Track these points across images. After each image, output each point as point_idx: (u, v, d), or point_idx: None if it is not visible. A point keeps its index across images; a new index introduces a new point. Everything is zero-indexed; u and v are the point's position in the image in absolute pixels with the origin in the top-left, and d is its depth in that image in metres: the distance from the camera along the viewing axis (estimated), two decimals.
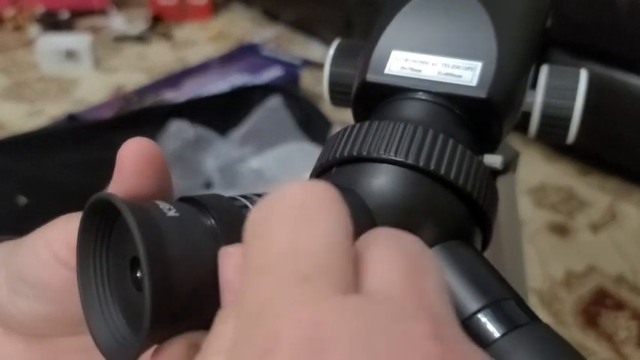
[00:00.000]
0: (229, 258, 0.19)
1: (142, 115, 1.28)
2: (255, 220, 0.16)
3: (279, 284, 0.15)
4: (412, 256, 0.17)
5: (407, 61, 0.29)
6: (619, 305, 1.05)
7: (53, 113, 1.57)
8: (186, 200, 0.21)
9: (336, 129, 1.30)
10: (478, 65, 0.28)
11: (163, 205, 0.19)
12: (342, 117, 1.34)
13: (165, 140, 1.24)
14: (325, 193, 0.16)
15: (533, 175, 1.35)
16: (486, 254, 0.26)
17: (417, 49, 0.29)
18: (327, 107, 0.33)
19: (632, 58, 1.18)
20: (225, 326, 0.17)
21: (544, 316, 1.02)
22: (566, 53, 1.25)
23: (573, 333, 0.99)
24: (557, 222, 1.23)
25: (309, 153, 1.24)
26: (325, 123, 1.32)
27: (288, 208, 0.16)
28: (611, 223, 1.23)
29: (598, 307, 1.05)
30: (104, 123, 1.24)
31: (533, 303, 1.04)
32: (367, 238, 0.17)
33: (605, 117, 1.22)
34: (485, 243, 0.27)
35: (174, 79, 1.65)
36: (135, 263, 0.20)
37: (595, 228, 1.22)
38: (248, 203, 0.21)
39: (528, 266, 0.62)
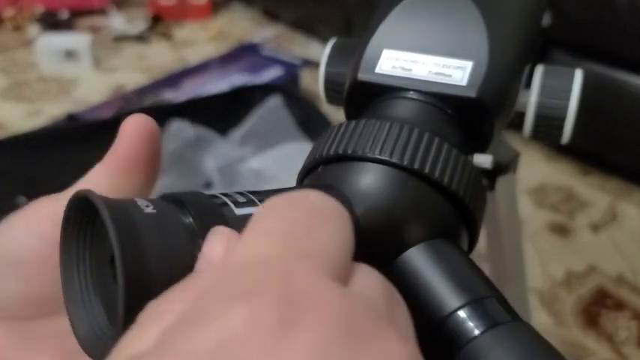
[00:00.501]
0: (219, 234, 0.20)
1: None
2: (275, 203, 0.18)
3: (280, 249, 0.16)
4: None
5: (398, 60, 0.29)
6: (619, 305, 1.05)
7: (53, 113, 1.57)
8: (165, 198, 0.21)
9: None
10: (469, 65, 0.28)
11: (141, 202, 0.19)
12: (342, 117, 1.34)
13: (165, 140, 1.24)
14: (340, 207, 0.18)
15: (533, 175, 1.35)
16: (487, 254, 0.26)
17: (408, 49, 0.29)
18: (327, 107, 0.34)
19: (632, 58, 1.18)
20: (195, 282, 0.17)
21: (544, 316, 1.02)
22: (566, 53, 1.25)
23: (573, 333, 1.00)
24: (557, 222, 1.23)
25: None
26: (325, 123, 1.32)
27: (309, 204, 0.18)
28: (612, 223, 1.23)
29: (598, 307, 1.05)
30: (104, 123, 1.24)
31: (534, 303, 1.04)
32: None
33: (605, 117, 1.22)
34: (472, 242, 0.27)
35: (174, 79, 1.65)
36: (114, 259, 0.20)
37: (595, 228, 1.22)
38: (228, 201, 0.21)
39: (528, 266, 0.62)
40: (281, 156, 1.26)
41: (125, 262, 0.17)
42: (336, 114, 1.32)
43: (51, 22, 1.99)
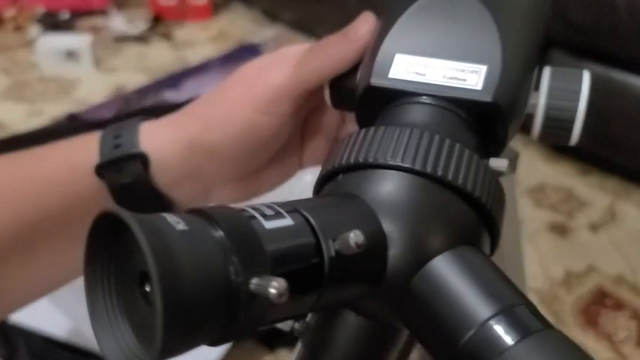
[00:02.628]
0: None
1: (142, 115, 1.28)
2: None
3: None
4: None
5: (411, 65, 0.28)
6: (618, 305, 1.05)
7: (53, 113, 1.57)
8: (193, 212, 0.21)
9: None
10: (483, 69, 0.27)
11: (172, 219, 0.19)
12: None
13: None
14: None
15: (532, 176, 1.35)
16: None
17: (421, 53, 0.29)
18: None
19: (631, 58, 1.18)
20: None
21: (543, 315, 1.02)
22: (565, 54, 1.25)
23: (573, 333, 1.00)
24: (556, 222, 1.23)
25: None
26: None
27: None
28: (611, 223, 1.23)
29: (598, 306, 1.05)
30: (104, 123, 1.24)
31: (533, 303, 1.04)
32: None
33: (604, 117, 1.22)
34: (493, 246, 0.26)
35: (174, 79, 1.65)
36: (144, 277, 0.19)
37: (595, 228, 1.22)
38: (256, 214, 0.21)
39: (528, 266, 0.62)
40: None
41: (162, 280, 0.17)
42: None
43: (51, 23, 1.99)
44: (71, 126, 1.36)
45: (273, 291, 0.18)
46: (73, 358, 0.89)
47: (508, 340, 0.21)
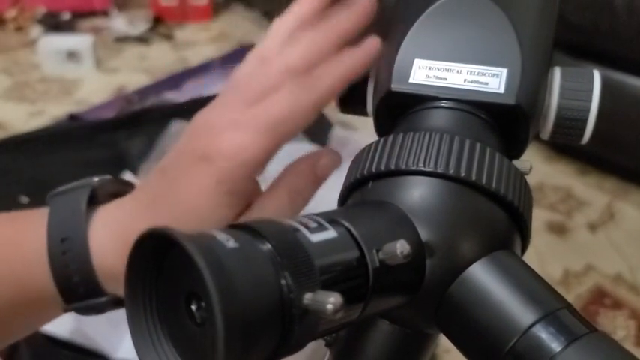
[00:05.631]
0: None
1: (143, 116, 1.28)
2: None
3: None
4: None
5: (431, 70, 0.28)
6: (617, 304, 1.06)
7: (55, 113, 1.58)
8: (238, 227, 0.20)
9: (336, 129, 1.30)
10: (504, 71, 0.27)
11: (221, 236, 0.19)
12: (342, 117, 1.34)
13: (166, 141, 1.25)
14: None
15: (531, 175, 1.33)
16: None
17: (440, 57, 0.28)
18: (327, 107, 0.34)
19: (630, 59, 1.18)
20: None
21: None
22: (564, 54, 1.25)
23: None
24: (555, 221, 1.24)
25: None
26: (325, 123, 1.32)
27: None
28: (609, 222, 1.23)
29: (596, 306, 1.05)
30: (105, 123, 1.24)
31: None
32: None
33: (603, 118, 1.22)
34: (524, 248, 0.26)
35: (175, 80, 1.65)
36: (191, 297, 0.19)
37: (593, 227, 1.22)
38: (300, 227, 0.21)
39: None
40: (281, 156, 1.26)
41: (221, 302, 0.16)
42: (336, 114, 1.32)
43: (53, 23, 2.00)
44: (72, 126, 1.36)
45: (330, 306, 0.18)
46: (75, 357, 0.90)
47: (555, 346, 0.20)
